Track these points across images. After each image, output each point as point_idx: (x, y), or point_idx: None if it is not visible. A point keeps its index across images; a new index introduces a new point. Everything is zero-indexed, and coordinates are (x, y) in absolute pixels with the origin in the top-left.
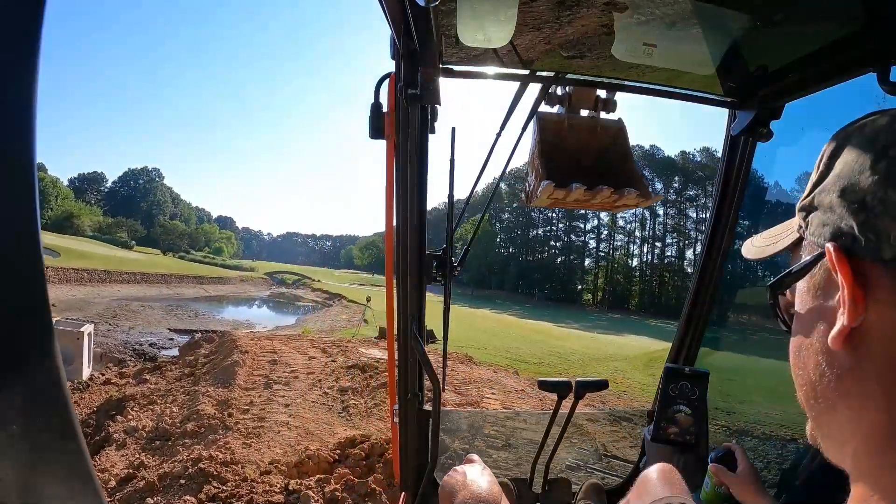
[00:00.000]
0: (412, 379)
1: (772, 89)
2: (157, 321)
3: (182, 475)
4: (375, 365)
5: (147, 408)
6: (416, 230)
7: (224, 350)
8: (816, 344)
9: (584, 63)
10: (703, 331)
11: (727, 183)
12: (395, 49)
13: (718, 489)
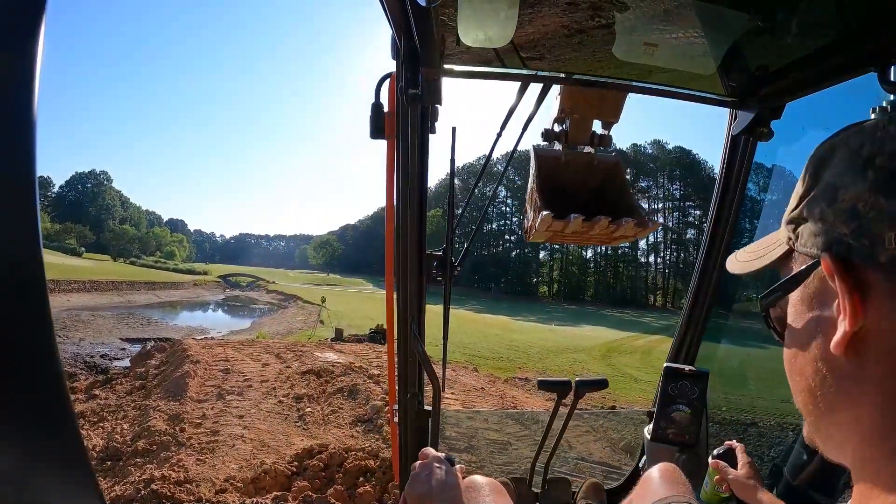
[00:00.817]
0: (412, 379)
1: (772, 89)
2: (108, 331)
3: (135, 498)
4: (331, 369)
5: (97, 425)
6: (416, 230)
7: (175, 360)
8: (815, 351)
9: (584, 63)
10: (703, 331)
11: (727, 183)
12: (395, 49)
13: (718, 489)
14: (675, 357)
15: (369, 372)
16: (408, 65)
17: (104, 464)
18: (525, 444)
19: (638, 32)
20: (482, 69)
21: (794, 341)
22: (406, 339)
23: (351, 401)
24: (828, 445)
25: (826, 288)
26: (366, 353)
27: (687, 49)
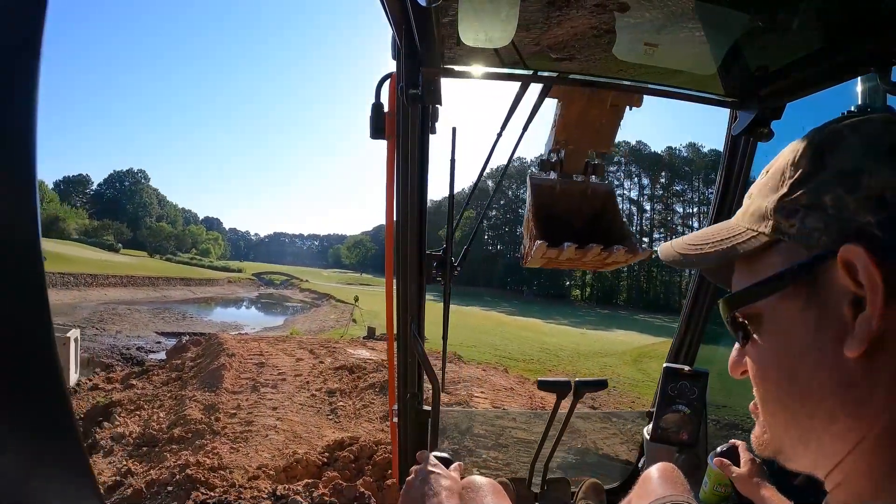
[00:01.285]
0: (412, 379)
1: (772, 89)
2: (144, 324)
3: (170, 482)
4: (363, 366)
5: (134, 413)
6: (416, 230)
7: (211, 353)
8: (816, 354)
9: (584, 63)
10: (703, 331)
11: (727, 183)
12: (396, 49)
13: (717, 488)
14: (675, 357)
15: None
16: (408, 65)
17: (140, 449)
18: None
19: (638, 33)
20: (482, 69)
21: (783, 345)
22: (406, 339)
23: (382, 396)
24: (805, 456)
25: (832, 282)
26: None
27: (687, 49)
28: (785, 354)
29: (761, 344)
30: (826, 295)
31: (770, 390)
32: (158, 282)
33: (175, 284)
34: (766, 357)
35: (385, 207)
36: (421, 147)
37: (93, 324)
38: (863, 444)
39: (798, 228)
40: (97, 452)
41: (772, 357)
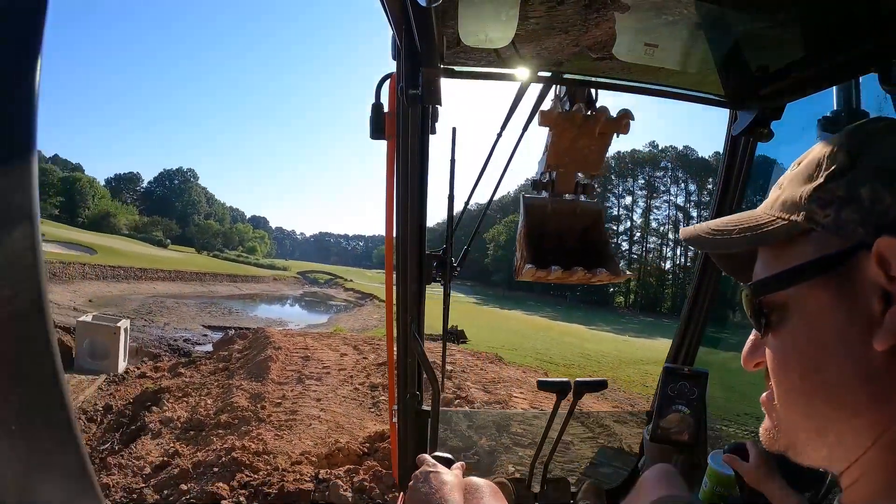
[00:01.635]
0: (411, 379)
1: (772, 89)
2: (191, 318)
3: (215, 463)
4: None
5: (182, 400)
6: (416, 230)
7: (258, 345)
8: (843, 346)
9: (583, 63)
10: (702, 331)
11: (727, 183)
12: (396, 49)
13: (717, 488)
14: (675, 358)
15: None
16: (408, 65)
17: (188, 433)
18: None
19: (639, 33)
20: (482, 69)
21: (808, 336)
22: (406, 340)
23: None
24: (820, 451)
25: (864, 275)
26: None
27: (687, 49)
28: (810, 345)
29: (785, 333)
30: (857, 287)
31: (792, 380)
32: (205, 277)
33: (222, 280)
34: (789, 347)
35: (385, 207)
36: (421, 147)
37: (141, 315)
38: (883, 439)
39: (833, 219)
40: (146, 434)
41: (796, 347)
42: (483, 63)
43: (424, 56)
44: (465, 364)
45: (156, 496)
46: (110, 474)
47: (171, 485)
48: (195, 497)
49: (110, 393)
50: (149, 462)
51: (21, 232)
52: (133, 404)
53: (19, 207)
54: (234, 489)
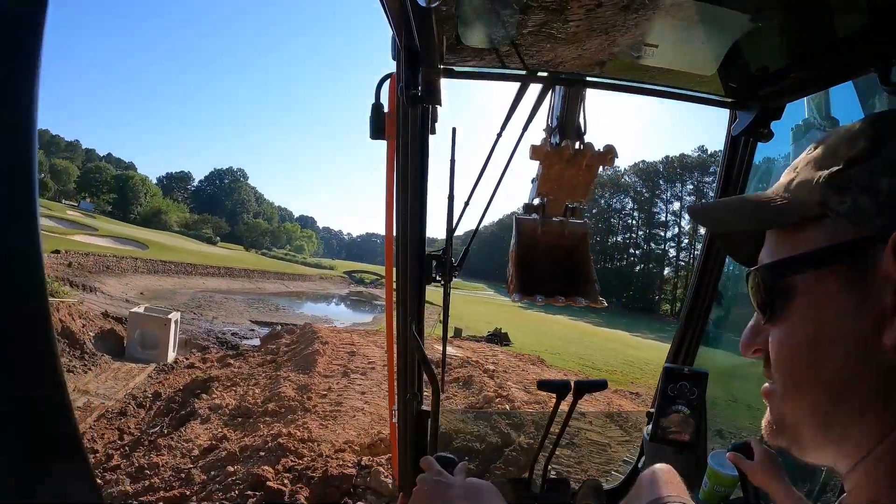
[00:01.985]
0: (412, 379)
1: (772, 89)
2: (239, 313)
3: (262, 448)
4: (449, 361)
5: (230, 388)
6: (416, 230)
7: (305, 340)
8: (850, 340)
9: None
10: (702, 331)
11: (727, 183)
12: (395, 49)
13: (717, 489)
14: (675, 358)
15: (485, 367)
16: (408, 65)
17: (235, 419)
18: None
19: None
20: (482, 69)
21: (814, 326)
22: (406, 340)
23: (465, 390)
24: (826, 448)
25: (878, 268)
26: (483, 350)
27: (687, 49)
28: (816, 335)
29: (792, 321)
30: (869, 280)
31: (797, 372)
32: (253, 274)
33: (269, 278)
34: (794, 336)
35: (385, 208)
36: (421, 147)
37: (191, 309)
38: (891, 438)
39: (849, 207)
40: (195, 419)
41: (802, 337)
42: (483, 63)
43: (424, 56)
44: (508, 365)
45: (203, 476)
46: (160, 454)
47: (219, 466)
48: (241, 478)
49: (159, 381)
50: (197, 445)
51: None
52: (183, 391)
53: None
54: (279, 472)
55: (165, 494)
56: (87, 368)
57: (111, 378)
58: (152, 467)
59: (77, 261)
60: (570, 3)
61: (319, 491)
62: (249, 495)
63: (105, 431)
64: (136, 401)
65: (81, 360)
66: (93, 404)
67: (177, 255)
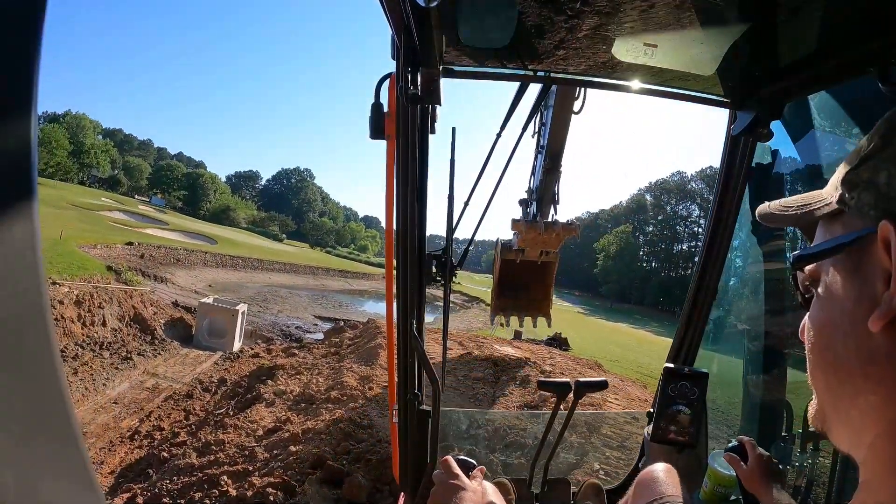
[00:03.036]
0: (412, 379)
1: (772, 89)
2: (303, 308)
3: (323, 431)
4: (507, 361)
5: (295, 377)
6: (416, 230)
7: (368, 334)
8: (848, 325)
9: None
10: (702, 331)
11: (727, 183)
12: (395, 49)
13: (717, 489)
14: (675, 358)
15: (542, 367)
16: (408, 65)
17: (299, 405)
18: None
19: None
20: (482, 69)
21: (825, 311)
22: (406, 339)
23: (521, 388)
24: (841, 431)
25: (874, 258)
26: (541, 352)
27: (687, 50)
28: (828, 321)
29: (813, 308)
30: (868, 269)
31: (815, 354)
32: (318, 272)
33: (333, 275)
34: (815, 320)
35: (385, 207)
36: (421, 147)
37: (257, 302)
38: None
39: (856, 202)
40: (260, 403)
41: (816, 322)
42: (483, 63)
43: (424, 56)
44: (565, 367)
45: (266, 454)
46: (226, 433)
47: (281, 446)
48: (302, 458)
49: (225, 368)
50: (262, 426)
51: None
52: (249, 377)
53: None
54: (339, 454)
55: (230, 469)
56: (157, 353)
57: (179, 363)
58: (218, 444)
59: (149, 253)
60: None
61: (376, 472)
62: (309, 473)
63: (172, 412)
64: (202, 385)
65: (152, 344)
66: (161, 386)
67: (244, 250)
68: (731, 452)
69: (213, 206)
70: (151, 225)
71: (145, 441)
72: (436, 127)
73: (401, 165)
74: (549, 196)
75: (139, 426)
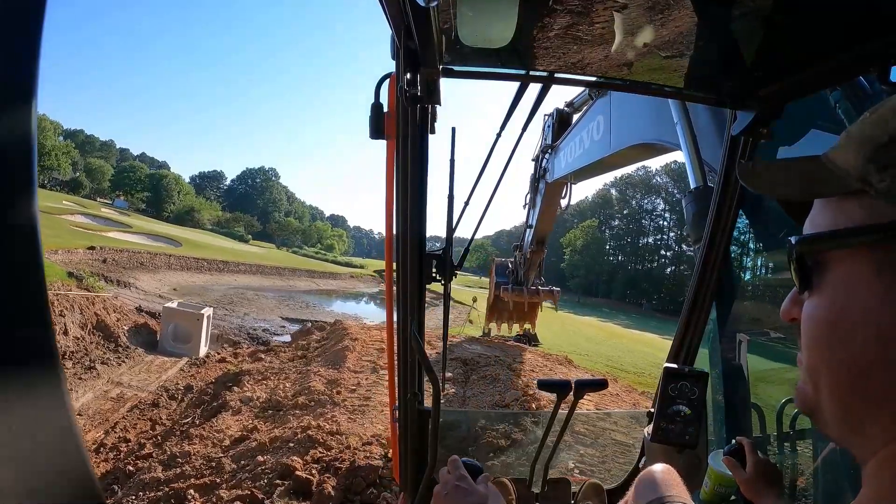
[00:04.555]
0: (412, 379)
1: (772, 89)
2: (270, 309)
3: (291, 439)
4: (477, 360)
5: (261, 382)
6: (416, 230)
7: (335, 336)
8: (871, 326)
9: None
10: (702, 331)
11: (727, 183)
12: (395, 49)
13: (717, 488)
14: (675, 358)
15: (511, 365)
16: (407, 65)
17: (266, 412)
18: None
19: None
20: (482, 69)
21: (842, 305)
22: (406, 339)
23: (490, 387)
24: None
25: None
26: (511, 351)
27: (687, 49)
28: (841, 316)
29: (821, 297)
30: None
31: (820, 350)
32: (284, 272)
33: (300, 276)
34: (822, 312)
35: (385, 208)
36: (421, 147)
37: (223, 305)
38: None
39: (888, 185)
40: (226, 411)
41: (828, 315)
42: (482, 63)
43: (424, 56)
44: (535, 364)
45: (233, 465)
46: (192, 443)
47: (249, 456)
48: (270, 468)
49: (191, 374)
50: (228, 435)
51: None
52: (215, 384)
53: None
54: (308, 463)
55: (196, 482)
56: (121, 361)
57: (144, 370)
58: (184, 455)
59: (112, 257)
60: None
61: (346, 481)
62: (278, 484)
63: (137, 422)
64: (168, 393)
65: (116, 352)
66: (126, 395)
67: (209, 252)
68: (730, 456)
69: (177, 207)
70: (114, 228)
71: (111, 454)
72: (436, 127)
73: (401, 165)
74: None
75: (104, 438)
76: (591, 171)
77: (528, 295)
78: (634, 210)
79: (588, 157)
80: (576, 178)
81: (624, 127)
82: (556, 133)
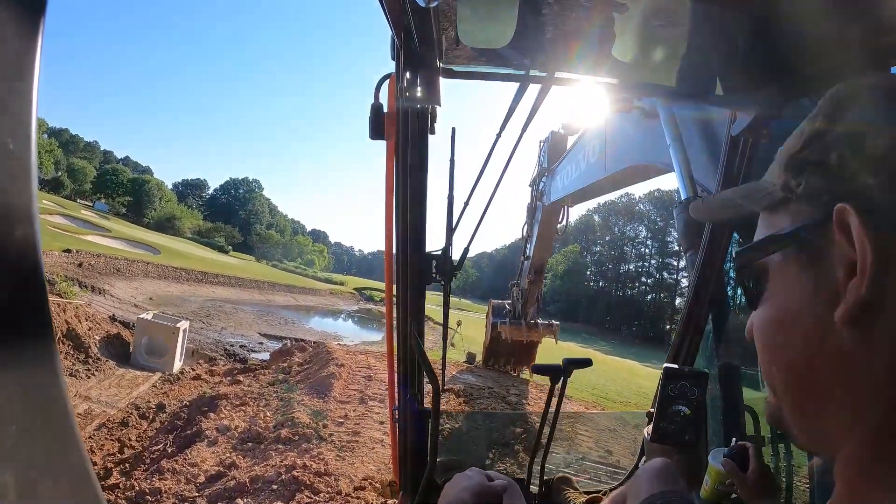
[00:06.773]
0: (412, 379)
1: (772, 89)
2: (248, 324)
3: (274, 480)
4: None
5: (239, 408)
6: (415, 231)
7: (319, 360)
8: (810, 321)
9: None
10: (702, 331)
11: (727, 183)
12: (395, 50)
13: (718, 487)
14: (675, 357)
15: (507, 398)
16: (408, 65)
17: (245, 444)
18: None
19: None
20: (482, 69)
21: (780, 307)
22: (406, 340)
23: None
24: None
25: (831, 245)
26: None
27: (687, 49)
28: (782, 318)
29: (764, 304)
30: (825, 258)
31: (768, 355)
32: (264, 286)
33: (279, 290)
34: (765, 317)
35: (384, 208)
36: (421, 147)
37: (199, 317)
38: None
39: (804, 187)
40: (201, 441)
41: (768, 320)
42: (482, 63)
43: (424, 56)
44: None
45: None
46: (163, 479)
47: (227, 497)
48: None
49: (164, 392)
50: (203, 470)
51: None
52: (189, 408)
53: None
54: None
55: None
56: (91, 373)
57: (115, 385)
58: (154, 493)
59: (88, 261)
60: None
61: None
62: None
63: (105, 442)
64: (138, 411)
65: (85, 364)
66: (94, 412)
67: (188, 261)
68: (730, 458)
69: (158, 213)
70: (93, 231)
71: None
72: (435, 127)
73: (400, 166)
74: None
75: None
76: (588, 193)
77: (526, 329)
78: (616, 237)
79: (584, 180)
80: (573, 201)
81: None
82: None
